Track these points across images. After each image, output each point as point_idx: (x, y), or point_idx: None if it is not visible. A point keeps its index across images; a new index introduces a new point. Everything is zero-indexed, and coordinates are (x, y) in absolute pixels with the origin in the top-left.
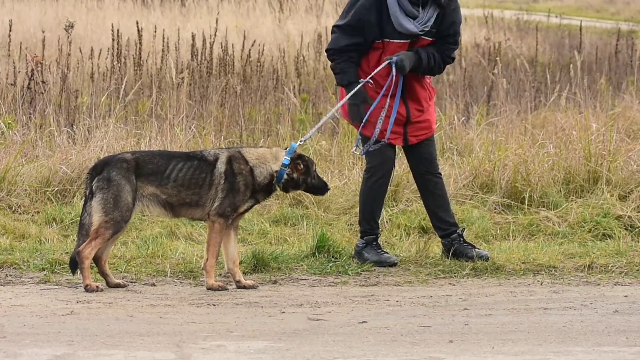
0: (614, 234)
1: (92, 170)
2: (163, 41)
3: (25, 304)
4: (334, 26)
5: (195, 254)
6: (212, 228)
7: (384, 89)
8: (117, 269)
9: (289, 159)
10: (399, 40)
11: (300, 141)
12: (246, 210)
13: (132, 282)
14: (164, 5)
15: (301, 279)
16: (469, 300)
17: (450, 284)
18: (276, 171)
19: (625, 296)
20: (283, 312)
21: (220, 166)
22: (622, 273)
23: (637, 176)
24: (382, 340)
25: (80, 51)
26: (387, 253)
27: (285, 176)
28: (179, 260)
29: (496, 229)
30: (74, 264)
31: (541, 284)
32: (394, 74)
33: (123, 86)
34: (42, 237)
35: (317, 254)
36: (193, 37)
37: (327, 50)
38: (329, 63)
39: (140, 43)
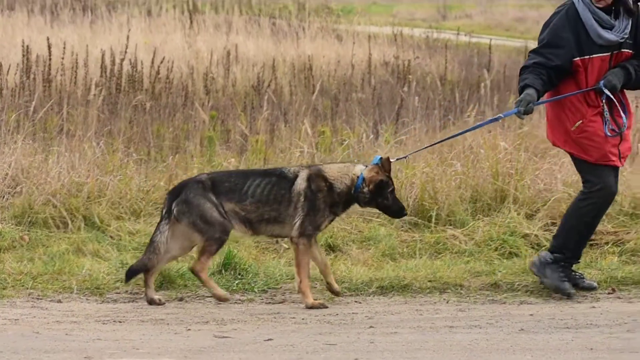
0: (521, 252)
1: (171, 193)
2: (72, 57)
3: None
4: (530, 51)
5: (101, 270)
6: (298, 250)
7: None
8: (23, 285)
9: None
10: (599, 55)
11: (399, 158)
12: (326, 227)
13: (38, 298)
14: (74, 21)
15: (207, 297)
16: (374, 318)
17: (356, 301)
18: (357, 176)
19: (531, 315)
20: (189, 329)
21: (300, 183)
22: (527, 292)
23: (544, 195)
24: (287, 358)
25: None
26: (568, 282)
27: (360, 188)
28: (85, 277)
29: (403, 247)
30: (130, 274)
31: (447, 302)
32: (607, 95)
33: (33, 103)
34: None
35: (223, 271)
36: (103, 53)
37: (520, 69)
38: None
39: (49, 59)
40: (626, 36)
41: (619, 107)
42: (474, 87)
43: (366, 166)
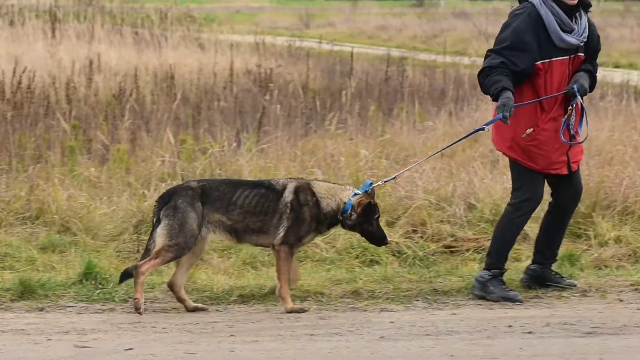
0: (382, 260)
1: (161, 199)
2: None
3: None
4: (488, 51)
5: None
6: (279, 257)
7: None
8: None
9: (359, 194)
10: (559, 58)
11: (382, 182)
12: (309, 241)
13: None
14: None
15: (68, 306)
16: (235, 327)
17: (217, 310)
18: (344, 203)
19: (392, 322)
20: (49, 339)
21: (288, 195)
22: (388, 299)
23: (404, 202)
24: None
25: None
26: (513, 291)
27: (348, 211)
28: None
29: (264, 256)
30: (125, 276)
31: (308, 310)
32: (578, 100)
33: None
34: None
35: (84, 281)
36: None
37: (480, 72)
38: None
39: None
40: (585, 40)
41: (582, 114)
42: (336, 95)
43: (355, 191)
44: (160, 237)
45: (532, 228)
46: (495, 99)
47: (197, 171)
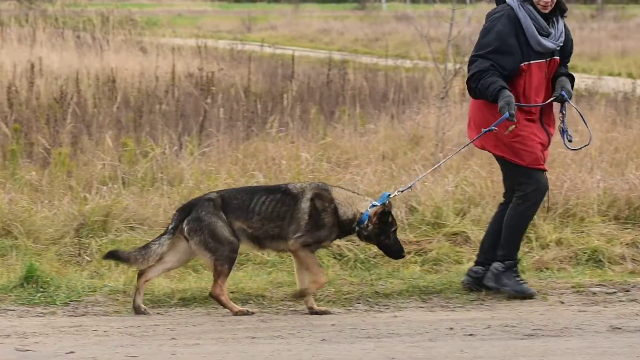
0: (323, 263)
1: (182, 210)
2: None
3: None
4: (473, 56)
5: None
6: (299, 256)
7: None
8: None
9: (376, 205)
10: (537, 61)
11: (398, 191)
12: (327, 245)
13: None
14: None
15: (9, 310)
16: (177, 330)
17: (158, 313)
18: (361, 213)
19: (333, 325)
20: None
21: (305, 201)
22: (330, 301)
23: None
24: None
25: None
26: (526, 283)
27: (365, 222)
28: None
29: None
30: (110, 255)
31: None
32: (565, 106)
33: None
34: None
35: (25, 284)
36: None
37: (470, 77)
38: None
39: None
40: (561, 44)
41: (551, 116)
42: (277, 98)
43: (374, 202)
44: (203, 256)
45: (473, 231)
46: (494, 100)
47: (139, 174)
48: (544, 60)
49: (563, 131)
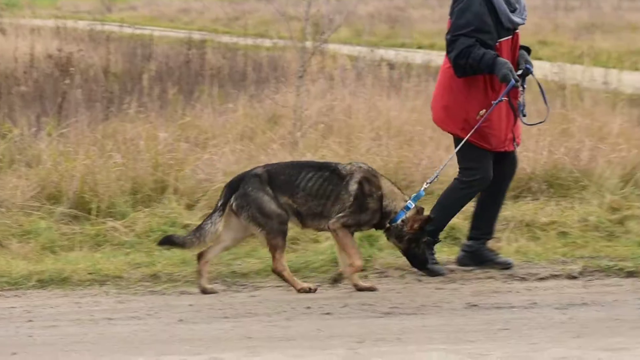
0: None
1: (229, 186)
2: None
3: None
4: (453, 35)
5: None
6: (338, 236)
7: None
8: None
9: (413, 204)
10: (507, 38)
11: (426, 184)
12: (366, 230)
13: None
14: None
15: None
16: (33, 312)
17: (15, 295)
18: (395, 212)
19: (190, 305)
20: None
21: (353, 183)
22: (187, 282)
23: (204, 185)
24: None
25: None
26: (438, 264)
27: (398, 222)
28: None
29: (63, 240)
30: (165, 241)
31: (107, 294)
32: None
33: None
34: None
35: None
36: None
37: (458, 54)
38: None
39: None
40: (526, 18)
41: (517, 90)
42: (136, 78)
43: (409, 203)
44: (255, 231)
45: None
46: (490, 70)
47: None
48: (510, 36)
49: (520, 105)
